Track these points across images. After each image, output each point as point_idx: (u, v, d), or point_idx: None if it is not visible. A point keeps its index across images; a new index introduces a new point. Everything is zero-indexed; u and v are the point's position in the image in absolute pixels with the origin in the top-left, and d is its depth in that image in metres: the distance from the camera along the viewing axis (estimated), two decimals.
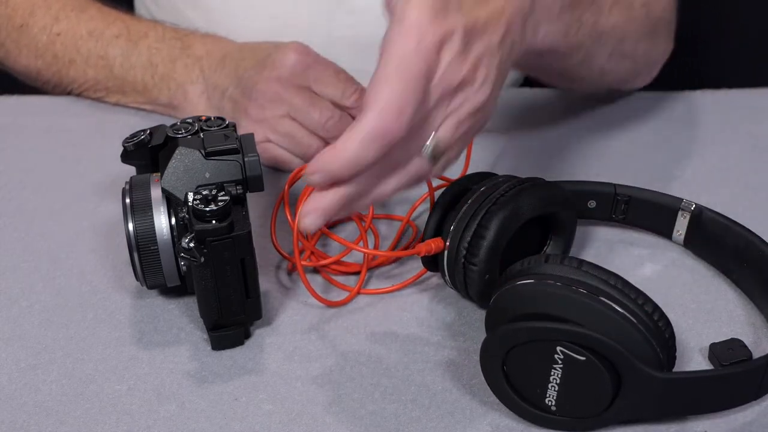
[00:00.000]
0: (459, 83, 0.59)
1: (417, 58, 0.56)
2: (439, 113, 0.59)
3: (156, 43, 0.90)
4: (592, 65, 0.78)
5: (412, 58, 0.56)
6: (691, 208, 0.73)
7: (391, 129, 0.55)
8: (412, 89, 0.56)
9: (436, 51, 0.57)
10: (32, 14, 0.94)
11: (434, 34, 0.56)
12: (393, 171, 0.60)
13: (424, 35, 0.56)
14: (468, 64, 0.59)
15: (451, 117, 0.60)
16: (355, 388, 0.64)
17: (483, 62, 0.59)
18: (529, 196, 0.66)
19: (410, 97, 0.56)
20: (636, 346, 0.57)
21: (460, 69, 0.58)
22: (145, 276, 0.66)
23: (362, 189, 0.59)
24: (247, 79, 0.80)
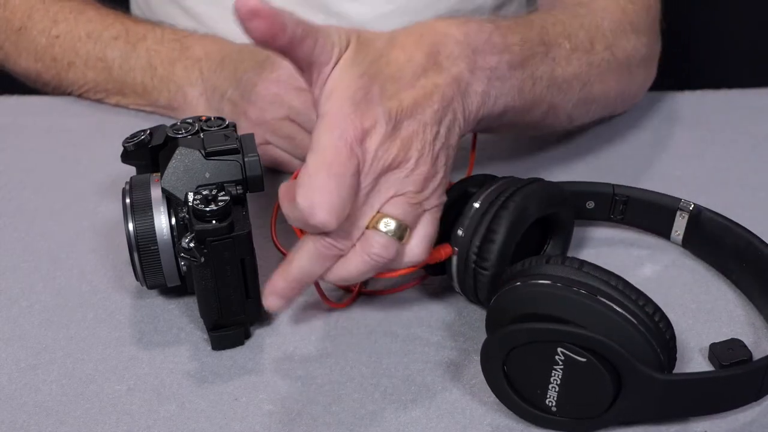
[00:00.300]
0: (390, 164, 0.60)
1: (341, 152, 0.58)
2: (381, 194, 0.61)
3: (155, 45, 0.90)
4: (558, 114, 0.76)
5: (337, 154, 0.58)
6: (689, 208, 0.73)
7: (327, 226, 0.58)
8: (340, 185, 0.58)
9: (358, 142, 0.58)
10: (30, 17, 0.94)
11: (355, 127, 0.58)
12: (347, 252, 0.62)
13: (345, 130, 0.58)
14: (397, 146, 0.60)
15: (400, 197, 0.61)
16: (355, 388, 0.64)
17: (415, 140, 0.60)
18: (535, 197, 0.66)
19: (341, 193, 0.58)
20: (637, 347, 0.57)
21: (389, 152, 0.60)
22: (145, 276, 0.66)
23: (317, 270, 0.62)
24: (246, 81, 0.80)
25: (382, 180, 0.60)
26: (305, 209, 0.58)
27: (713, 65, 1.32)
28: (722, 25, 1.32)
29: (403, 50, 0.62)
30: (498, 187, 0.67)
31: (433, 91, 0.61)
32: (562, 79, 0.73)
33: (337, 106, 0.59)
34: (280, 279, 0.63)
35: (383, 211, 0.61)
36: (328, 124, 0.59)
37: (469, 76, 0.64)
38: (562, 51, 0.73)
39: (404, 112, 0.60)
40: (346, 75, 0.59)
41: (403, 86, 0.61)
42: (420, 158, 0.61)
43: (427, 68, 0.62)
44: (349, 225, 0.60)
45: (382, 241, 0.61)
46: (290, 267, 0.62)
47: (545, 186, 0.68)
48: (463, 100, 0.64)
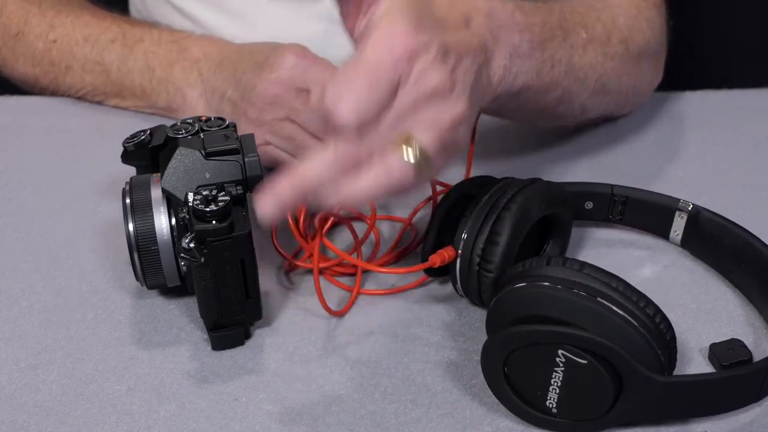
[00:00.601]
0: (434, 90, 0.58)
1: (385, 62, 0.56)
2: (416, 120, 0.59)
3: (152, 47, 0.89)
4: (572, 103, 0.77)
5: (380, 62, 0.56)
6: (688, 209, 0.73)
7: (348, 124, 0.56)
8: (373, 89, 0.56)
9: (406, 59, 0.57)
10: (27, 22, 0.94)
11: (406, 43, 0.57)
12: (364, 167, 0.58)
13: (394, 43, 0.57)
14: (444, 73, 0.59)
15: (433, 127, 0.59)
16: (355, 388, 0.64)
17: (459, 74, 0.60)
18: (536, 198, 0.66)
19: (371, 97, 0.56)
20: (637, 349, 0.57)
21: (435, 76, 0.58)
22: (145, 276, 0.66)
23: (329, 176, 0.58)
24: (246, 81, 0.80)
25: (422, 105, 0.58)
26: (330, 102, 0.56)
27: (714, 65, 1.31)
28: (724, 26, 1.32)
29: (442, 6, 0.62)
30: (499, 189, 0.67)
31: (469, 44, 0.61)
32: (579, 66, 0.74)
33: (390, 21, 0.57)
34: (286, 180, 0.58)
35: (414, 134, 0.58)
36: (379, 35, 0.57)
37: (493, 48, 0.64)
38: (579, 39, 0.75)
39: (452, 47, 0.59)
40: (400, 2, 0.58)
41: (448, 28, 0.60)
42: (461, 95, 0.60)
43: (462, 26, 0.62)
44: (376, 138, 0.57)
45: (403, 166, 0.58)
46: (302, 168, 0.58)
47: (545, 186, 0.68)
48: (488, 67, 0.64)
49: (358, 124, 0.56)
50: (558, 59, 0.71)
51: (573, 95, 0.76)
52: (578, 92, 0.76)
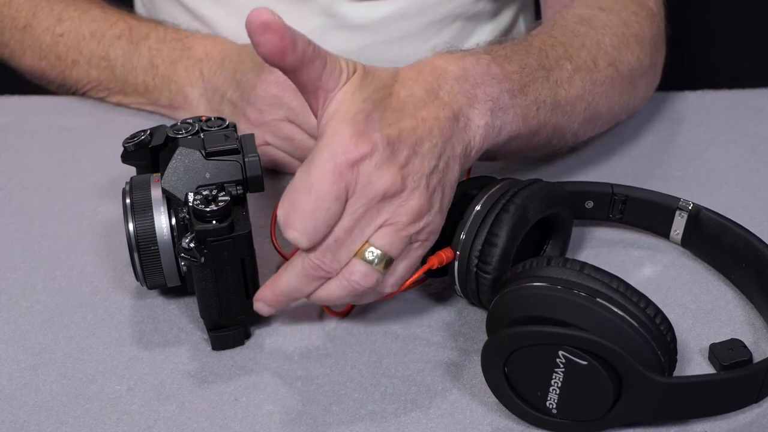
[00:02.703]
0: (385, 192, 0.59)
1: (327, 176, 0.58)
2: (372, 222, 0.60)
3: (157, 44, 0.90)
4: (563, 136, 0.76)
5: (323, 177, 0.58)
6: (688, 208, 0.73)
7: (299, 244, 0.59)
8: (318, 209, 0.58)
9: (350, 166, 0.58)
10: (35, 15, 0.94)
11: (348, 151, 0.58)
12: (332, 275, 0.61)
13: (337, 153, 0.58)
14: (391, 174, 0.59)
15: (390, 227, 0.60)
16: (355, 388, 0.64)
17: (414, 166, 0.60)
18: (535, 199, 0.66)
19: (317, 216, 0.58)
20: (638, 350, 0.57)
21: (383, 178, 0.59)
22: (146, 276, 0.66)
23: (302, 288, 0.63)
24: (246, 82, 0.80)
25: (375, 207, 0.60)
26: (281, 222, 0.59)
27: (713, 65, 1.32)
28: (722, 25, 1.32)
29: (404, 86, 0.62)
30: (498, 189, 0.67)
31: (433, 124, 0.61)
32: (566, 101, 0.73)
33: (335, 128, 0.59)
34: (268, 290, 0.64)
35: (371, 240, 0.60)
36: (323, 146, 0.59)
37: (469, 111, 0.64)
38: (564, 73, 0.73)
39: (403, 141, 0.60)
40: (350, 99, 0.59)
41: (404, 116, 0.60)
42: (415, 189, 0.60)
43: (427, 102, 0.62)
44: (337, 248, 0.60)
45: (363, 270, 0.60)
46: (279, 281, 0.63)
47: (545, 187, 0.68)
48: (463, 135, 0.63)
49: (309, 243, 0.59)
50: (542, 100, 0.70)
51: (563, 129, 0.75)
52: (568, 125, 0.75)
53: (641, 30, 0.83)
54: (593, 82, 0.76)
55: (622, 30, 0.81)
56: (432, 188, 0.61)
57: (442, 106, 0.62)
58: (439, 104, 0.62)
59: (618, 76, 0.79)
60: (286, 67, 0.58)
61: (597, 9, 0.81)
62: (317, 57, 0.58)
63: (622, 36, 0.80)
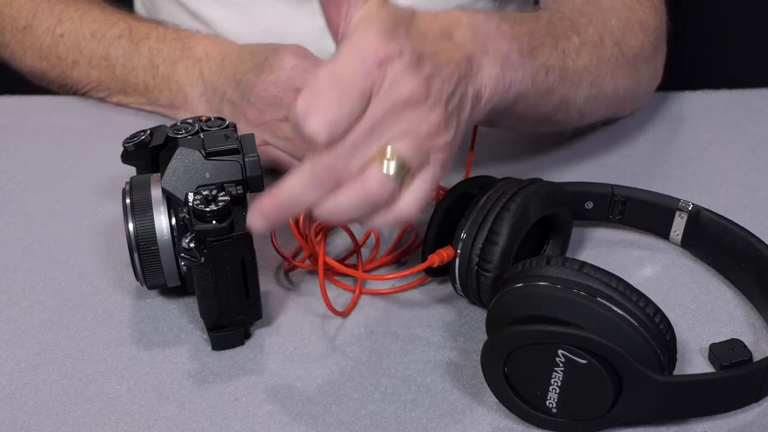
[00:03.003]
0: (407, 98, 0.57)
1: (355, 68, 0.56)
2: (391, 128, 0.58)
3: (157, 44, 0.90)
4: (569, 109, 0.76)
5: (350, 69, 0.56)
6: (688, 209, 0.73)
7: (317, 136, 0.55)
8: (343, 99, 0.55)
9: (377, 64, 0.56)
10: (36, 16, 0.94)
11: (378, 48, 0.56)
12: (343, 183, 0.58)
13: (366, 49, 0.56)
14: (417, 81, 0.58)
15: (410, 135, 0.58)
16: (355, 388, 0.64)
17: (435, 83, 0.59)
18: (535, 198, 0.66)
19: (341, 107, 0.55)
20: (637, 349, 0.57)
21: (407, 84, 0.57)
22: (146, 276, 0.67)
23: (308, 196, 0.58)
24: (246, 82, 0.80)
25: (397, 113, 0.57)
26: (300, 113, 0.55)
27: (713, 65, 1.31)
28: (723, 25, 1.32)
29: (422, 21, 0.61)
30: (498, 189, 0.67)
31: (450, 55, 0.61)
32: (573, 71, 0.74)
33: (363, 28, 0.57)
34: (267, 200, 0.58)
35: (392, 145, 0.57)
36: (350, 43, 0.57)
37: (481, 59, 0.64)
38: (572, 44, 0.74)
39: (428, 56, 0.59)
40: (375, 11, 0.58)
41: (426, 40, 0.60)
42: (436, 105, 0.59)
43: (444, 38, 0.62)
44: (353, 150, 0.57)
45: (379, 177, 0.57)
46: (282, 187, 0.58)
47: (545, 186, 0.68)
48: (475, 80, 0.63)
49: (329, 137, 0.55)
50: (551, 65, 0.71)
51: (569, 101, 0.75)
52: (575, 97, 0.76)
53: (646, 18, 0.84)
54: (599, 58, 0.77)
55: (627, 15, 0.82)
56: (450, 111, 0.60)
57: (456, 46, 0.62)
58: (454, 44, 0.62)
59: (623, 57, 0.80)
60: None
61: None
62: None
63: (627, 21, 0.82)
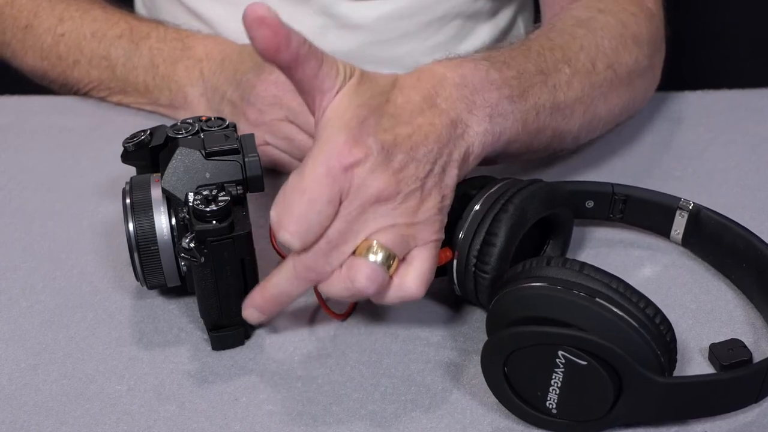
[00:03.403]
0: (379, 196, 0.59)
1: (321, 179, 0.58)
2: (367, 225, 0.60)
3: (158, 44, 0.90)
4: (563, 139, 0.76)
5: (316, 180, 0.58)
6: (689, 208, 0.73)
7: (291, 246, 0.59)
8: (311, 210, 0.58)
9: (344, 170, 0.58)
10: (37, 15, 0.94)
11: (342, 155, 0.58)
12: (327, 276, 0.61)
13: (330, 157, 0.58)
14: (385, 177, 0.59)
15: (389, 227, 0.60)
16: (355, 388, 0.64)
17: (409, 171, 0.60)
18: (534, 199, 0.66)
19: (309, 218, 0.58)
20: (637, 350, 0.57)
21: (378, 182, 0.59)
22: (146, 276, 0.66)
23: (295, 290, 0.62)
24: (246, 82, 0.80)
25: (370, 211, 0.60)
26: (274, 224, 0.59)
27: (713, 65, 1.32)
28: (722, 25, 1.32)
29: (402, 92, 0.62)
30: (498, 189, 0.67)
31: (429, 130, 0.61)
32: (565, 104, 0.73)
33: (329, 133, 0.59)
34: (258, 294, 0.63)
35: (371, 237, 0.60)
36: (317, 150, 0.59)
37: (467, 117, 0.64)
38: (563, 77, 0.73)
39: (398, 146, 0.60)
40: (345, 104, 0.59)
41: (399, 122, 0.60)
42: (410, 193, 0.60)
43: (425, 109, 0.62)
44: (329, 250, 0.60)
45: (367, 270, 0.59)
46: (269, 284, 0.63)
47: (545, 187, 0.68)
48: (461, 141, 0.63)
49: (302, 245, 0.59)
50: (542, 105, 0.70)
51: (563, 132, 0.75)
52: (568, 128, 0.75)
53: (639, 31, 0.83)
54: (591, 85, 0.76)
55: (621, 31, 0.81)
56: (428, 191, 0.61)
57: (439, 113, 0.62)
58: (437, 111, 0.62)
59: (616, 78, 0.79)
60: (280, 64, 0.58)
61: (596, 11, 0.81)
62: (312, 56, 0.58)
63: (621, 38, 0.80)
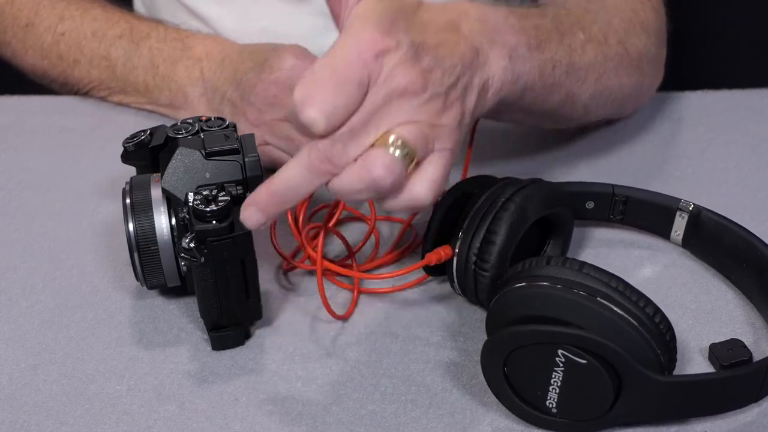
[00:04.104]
0: (404, 88, 0.57)
1: (352, 59, 0.56)
2: (389, 117, 0.58)
3: (158, 44, 0.90)
4: (574, 104, 0.77)
5: (347, 60, 0.56)
6: (689, 209, 0.73)
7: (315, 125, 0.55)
8: (340, 88, 0.55)
9: (374, 56, 0.56)
10: (37, 14, 0.94)
11: (374, 41, 0.56)
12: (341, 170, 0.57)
13: (362, 42, 0.56)
14: (414, 72, 0.58)
15: (411, 122, 0.58)
16: (355, 388, 0.64)
17: (435, 75, 0.59)
18: (534, 198, 0.66)
19: (338, 96, 0.55)
20: (637, 349, 0.57)
21: (406, 75, 0.57)
22: (146, 276, 0.66)
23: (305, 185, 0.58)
24: (246, 82, 0.80)
25: (395, 103, 0.57)
26: (298, 102, 0.55)
27: (713, 65, 1.31)
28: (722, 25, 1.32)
29: (428, 12, 0.61)
30: (498, 188, 0.67)
31: (454, 48, 0.60)
32: (579, 66, 0.74)
33: (361, 22, 0.57)
34: (263, 190, 0.58)
35: (393, 131, 0.57)
36: (347, 35, 0.57)
37: (489, 50, 0.63)
38: (577, 40, 0.74)
39: (427, 49, 0.58)
40: (374, 4, 0.58)
41: (427, 31, 0.59)
42: (435, 95, 0.58)
43: (449, 30, 0.61)
44: (348, 139, 0.57)
45: (386, 159, 0.56)
46: (278, 176, 0.58)
47: (545, 186, 0.68)
48: (482, 70, 0.63)
49: (327, 126, 0.55)
50: (558, 60, 0.71)
51: (575, 96, 0.76)
52: (580, 93, 0.76)
53: (648, 19, 0.85)
54: (604, 56, 0.77)
55: (630, 15, 0.83)
56: (450, 102, 0.60)
57: (463, 38, 0.62)
58: (461, 36, 0.62)
59: (627, 55, 0.80)
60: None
61: None
62: None
63: (630, 21, 0.82)
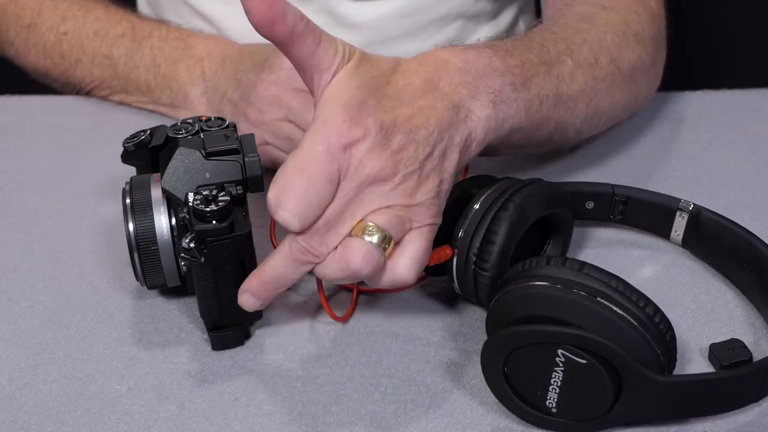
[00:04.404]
0: (376, 176, 0.59)
1: (320, 157, 0.58)
2: (364, 205, 0.59)
3: (159, 43, 0.90)
4: (565, 132, 0.76)
5: (314, 158, 0.58)
6: (689, 209, 0.73)
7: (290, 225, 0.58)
8: (310, 189, 0.58)
9: (342, 149, 0.58)
10: (40, 13, 0.95)
11: (341, 134, 0.58)
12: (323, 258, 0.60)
13: (329, 135, 0.58)
14: (383, 158, 0.59)
15: (386, 208, 0.60)
16: (355, 388, 0.64)
17: (406, 153, 0.60)
18: (534, 198, 0.67)
19: (309, 197, 0.58)
20: (637, 349, 0.57)
21: (376, 162, 0.59)
22: (146, 276, 0.66)
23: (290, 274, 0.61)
24: (246, 82, 0.80)
25: (367, 191, 0.59)
26: (271, 204, 0.58)
27: (713, 65, 1.32)
28: (723, 25, 1.32)
29: (403, 75, 0.62)
30: (498, 188, 0.67)
31: (430, 113, 0.61)
32: (568, 96, 0.73)
33: (328, 112, 0.59)
34: (254, 278, 0.62)
35: (367, 219, 0.60)
36: (315, 129, 0.58)
37: (470, 103, 0.64)
38: (566, 68, 0.73)
39: (397, 127, 0.59)
40: (345, 84, 0.59)
41: (400, 104, 0.60)
42: (408, 174, 0.60)
43: (426, 92, 0.62)
44: (326, 231, 0.59)
45: (362, 250, 0.59)
46: (265, 267, 0.62)
47: (545, 186, 0.68)
48: (463, 126, 0.63)
49: (301, 223, 0.58)
50: (545, 95, 0.70)
51: (566, 124, 0.75)
52: (571, 121, 0.75)
53: (642, 29, 0.83)
54: (594, 79, 0.76)
55: (623, 29, 0.81)
56: (426, 174, 0.61)
57: (441, 96, 0.62)
58: (439, 95, 0.62)
59: (619, 73, 0.79)
60: (276, 39, 0.58)
61: (599, 7, 0.82)
62: (309, 33, 0.59)
63: (623, 34, 0.81)
